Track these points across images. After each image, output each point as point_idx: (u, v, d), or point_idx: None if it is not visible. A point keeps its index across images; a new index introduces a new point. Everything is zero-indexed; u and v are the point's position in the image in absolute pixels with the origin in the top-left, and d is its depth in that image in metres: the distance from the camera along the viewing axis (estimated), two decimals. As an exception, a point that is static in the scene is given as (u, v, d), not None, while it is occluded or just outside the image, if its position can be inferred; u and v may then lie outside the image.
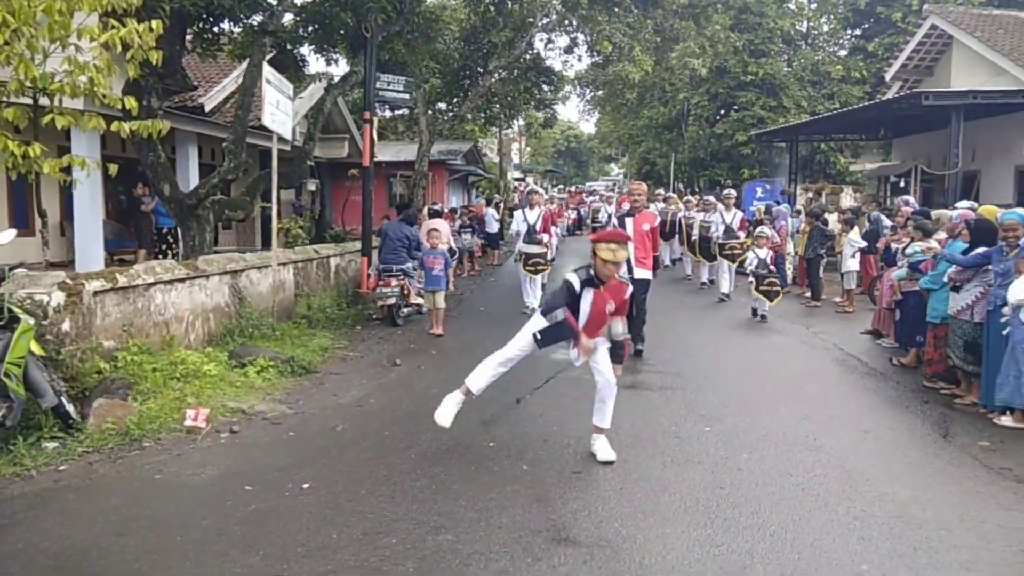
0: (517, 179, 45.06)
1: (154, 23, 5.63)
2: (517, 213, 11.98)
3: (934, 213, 8.94)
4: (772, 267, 10.94)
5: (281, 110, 8.76)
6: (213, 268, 8.06)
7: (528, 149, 57.56)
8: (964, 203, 8.68)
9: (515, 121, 33.37)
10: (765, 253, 10.99)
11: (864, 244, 11.65)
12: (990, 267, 6.36)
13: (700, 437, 5.44)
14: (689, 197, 19.36)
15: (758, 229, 11.59)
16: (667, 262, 16.60)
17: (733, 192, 14.43)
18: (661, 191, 20.88)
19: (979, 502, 4.33)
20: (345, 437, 5.49)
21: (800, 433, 5.56)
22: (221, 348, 7.49)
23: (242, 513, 4.11)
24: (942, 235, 7.98)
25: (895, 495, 4.38)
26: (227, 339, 7.90)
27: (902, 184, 18.99)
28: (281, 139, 9.08)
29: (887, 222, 11.72)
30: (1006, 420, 5.94)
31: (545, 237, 11.56)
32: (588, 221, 29.28)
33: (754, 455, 5.04)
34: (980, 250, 6.56)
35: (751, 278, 10.89)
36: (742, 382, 7.19)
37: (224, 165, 9.79)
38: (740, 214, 13.64)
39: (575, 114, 66.10)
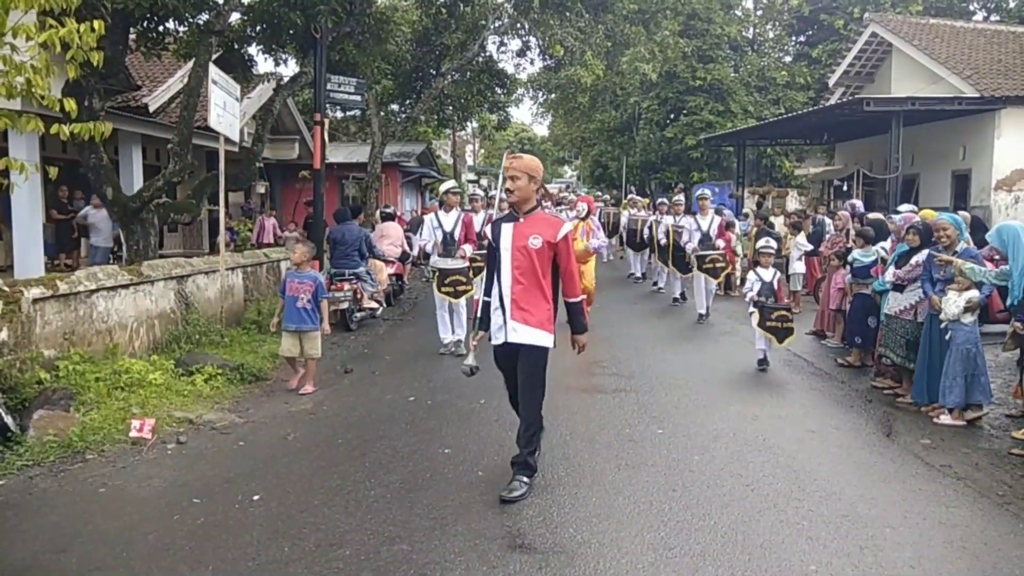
0: (471, 181, 44.92)
1: (96, 23, 5.46)
2: (429, 218, 9.05)
3: (874, 217, 9.20)
4: (781, 294, 8.28)
5: (228, 111, 8.59)
6: (158, 273, 7.86)
7: (482, 151, 57.52)
8: (905, 207, 8.96)
9: (468, 123, 33.36)
10: (771, 274, 8.18)
11: (810, 247, 11.93)
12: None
13: (653, 439, 5.50)
14: (636, 197, 18.90)
15: (761, 242, 8.72)
16: (637, 275, 15.76)
17: (708, 191, 11.85)
18: (636, 196, 19.63)
19: (921, 500, 4.47)
20: (296, 446, 5.40)
21: (750, 433, 5.67)
22: (167, 356, 7.30)
23: (190, 527, 4.01)
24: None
25: (841, 494, 4.49)
26: (173, 346, 7.71)
27: (845, 188, 19.54)
28: (228, 140, 8.90)
29: (831, 225, 12.04)
30: (945, 419, 6.14)
31: (468, 249, 8.67)
32: None
33: (705, 456, 5.12)
34: (922, 255, 6.76)
35: (752, 308, 8.15)
36: (693, 383, 7.29)
37: (169, 167, 9.56)
38: (719, 219, 11.23)
39: (528, 117, 66.08)
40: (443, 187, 9.24)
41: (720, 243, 11.05)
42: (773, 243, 8.74)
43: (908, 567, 3.60)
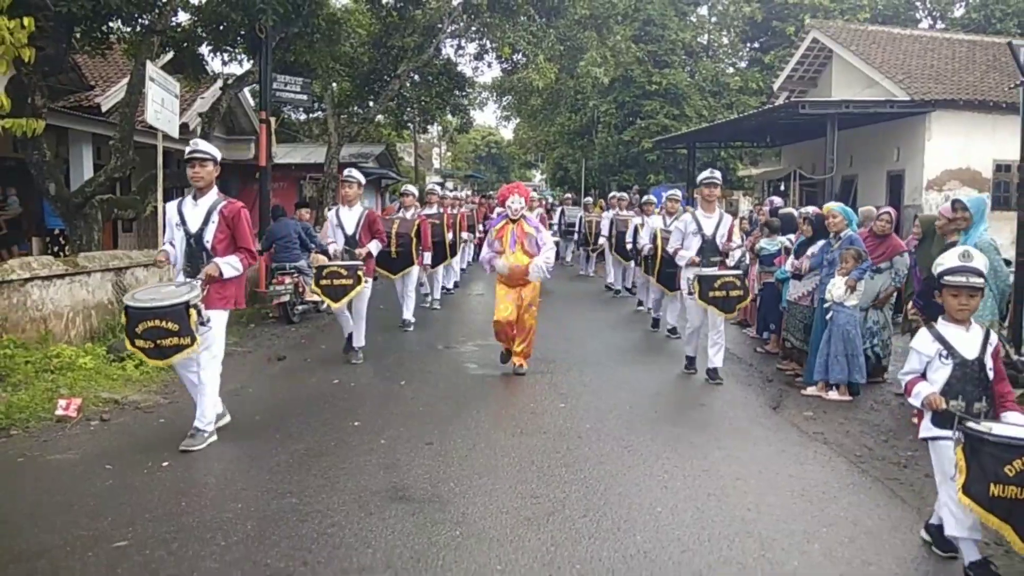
0: (436, 183, 44.97)
1: (26, 20, 5.72)
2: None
3: (784, 212, 9.65)
4: (1004, 387, 3.48)
5: (167, 108, 8.84)
6: (95, 265, 8.08)
7: (449, 154, 57.74)
8: (834, 204, 9.41)
9: (431, 126, 33.60)
10: (978, 344, 3.43)
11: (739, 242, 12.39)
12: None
13: (553, 412, 5.88)
14: (621, 195, 14.66)
15: (954, 257, 3.51)
16: (617, 287, 13.39)
17: (717, 174, 7.41)
18: (619, 195, 14.92)
19: (781, 459, 4.89)
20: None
21: (645, 406, 6.07)
22: (102, 344, 7.53)
23: (97, 488, 4.29)
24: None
25: (710, 454, 4.90)
26: (109, 336, 7.93)
27: (782, 188, 20.15)
28: (169, 137, 9.14)
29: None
30: (833, 394, 6.59)
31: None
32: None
33: (596, 425, 5.51)
34: (817, 245, 7.24)
35: (932, 431, 3.41)
36: (608, 367, 7.67)
37: (111, 163, 9.78)
38: (731, 219, 7.47)
39: (493, 120, 66.41)
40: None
41: (735, 250, 7.51)
42: (977, 255, 3.53)
43: (746, 510, 4.00)
